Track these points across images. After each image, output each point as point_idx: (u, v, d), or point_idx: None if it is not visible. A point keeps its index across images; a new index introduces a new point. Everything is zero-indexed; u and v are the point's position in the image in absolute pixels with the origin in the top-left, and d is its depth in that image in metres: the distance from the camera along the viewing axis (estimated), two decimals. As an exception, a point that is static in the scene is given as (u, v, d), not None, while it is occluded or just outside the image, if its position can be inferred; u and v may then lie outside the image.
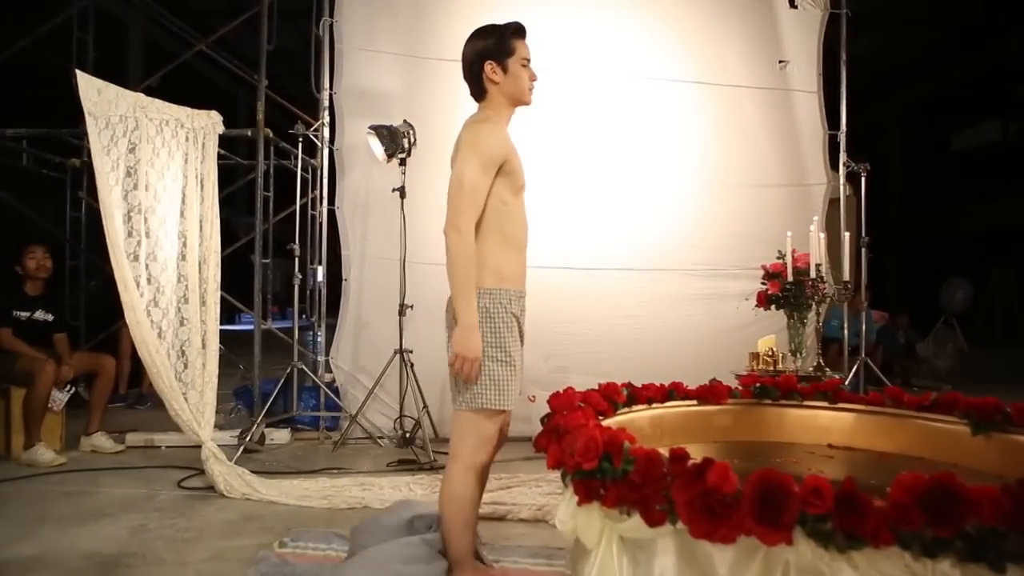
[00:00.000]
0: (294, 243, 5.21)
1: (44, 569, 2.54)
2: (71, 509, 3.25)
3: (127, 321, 3.72)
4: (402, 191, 4.49)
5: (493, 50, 2.25)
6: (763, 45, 5.43)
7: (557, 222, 5.04)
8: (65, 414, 4.48)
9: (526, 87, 2.31)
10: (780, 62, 5.43)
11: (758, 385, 2.58)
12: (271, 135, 4.93)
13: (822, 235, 3.37)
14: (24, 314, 4.46)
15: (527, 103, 2.35)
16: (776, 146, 5.45)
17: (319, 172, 5.33)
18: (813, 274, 3.22)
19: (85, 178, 6.33)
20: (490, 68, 2.25)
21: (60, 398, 4.34)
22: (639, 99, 5.23)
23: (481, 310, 2.14)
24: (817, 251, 3.26)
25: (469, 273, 2.10)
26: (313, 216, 5.48)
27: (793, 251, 3.32)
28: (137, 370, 5.85)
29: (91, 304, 6.40)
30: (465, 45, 2.34)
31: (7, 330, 4.35)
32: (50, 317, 4.59)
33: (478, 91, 2.32)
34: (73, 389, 4.52)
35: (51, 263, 4.63)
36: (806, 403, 2.49)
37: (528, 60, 2.30)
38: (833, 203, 5.56)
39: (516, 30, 2.30)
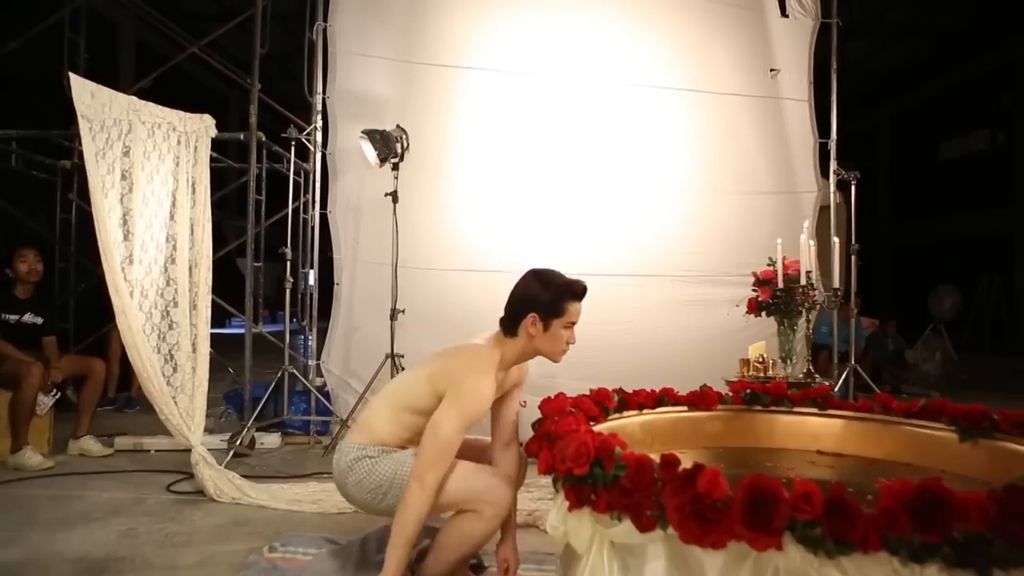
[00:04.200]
0: (286, 247, 5.20)
1: (31, 574, 2.52)
2: (59, 513, 3.23)
3: (118, 325, 3.70)
4: (395, 195, 4.49)
5: (544, 306, 2.14)
6: (754, 53, 5.46)
7: (548, 228, 5.06)
8: (53, 417, 4.45)
9: (559, 350, 2.21)
10: (771, 70, 5.46)
11: (748, 391, 2.59)
12: (264, 139, 4.92)
13: (812, 242, 3.38)
14: (13, 317, 4.43)
15: (554, 362, 2.26)
16: (767, 153, 5.48)
17: (311, 176, 5.33)
18: (803, 281, 3.23)
19: (76, 180, 6.29)
20: (531, 320, 2.14)
21: (45, 402, 4.30)
22: (630, 106, 5.25)
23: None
24: (807, 258, 3.28)
25: (415, 530, 2.01)
26: (305, 220, 5.47)
27: (783, 258, 3.33)
28: (126, 373, 5.82)
29: (81, 307, 6.36)
30: (524, 278, 2.23)
31: (-5, 333, 4.33)
32: (39, 320, 4.56)
33: (511, 329, 2.19)
34: (59, 393, 4.49)
35: (42, 266, 4.61)
36: (796, 409, 2.50)
37: (574, 323, 2.19)
38: (823, 210, 5.60)
39: (576, 293, 2.17)
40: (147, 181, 3.84)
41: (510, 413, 2.35)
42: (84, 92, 3.74)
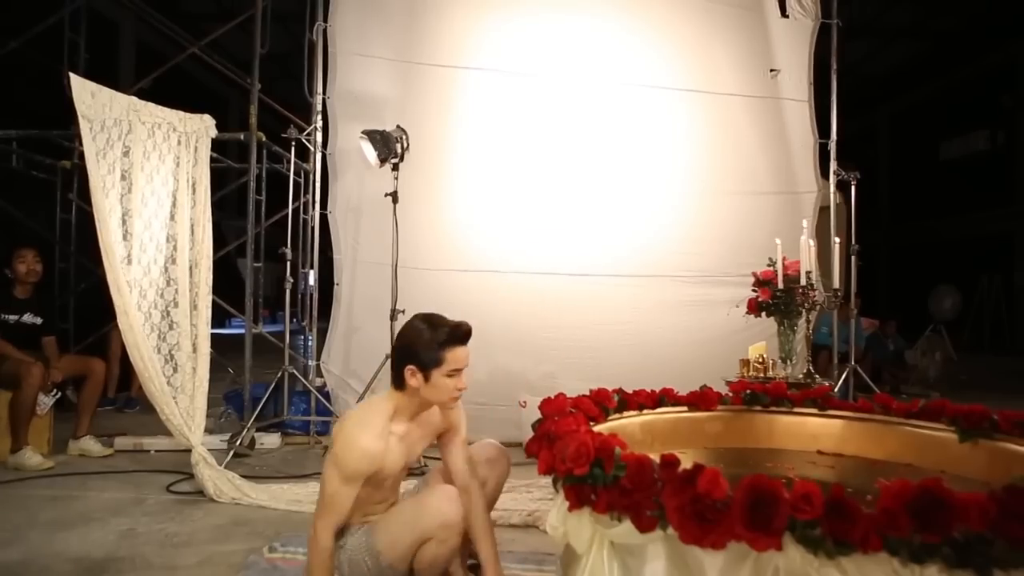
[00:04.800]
0: (286, 247, 5.20)
1: (31, 574, 2.52)
2: (58, 513, 3.23)
3: (119, 324, 3.70)
4: (394, 196, 4.49)
5: (419, 357, 2.04)
6: (754, 54, 5.46)
7: (548, 228, 5.07)
8: (53, 417, 4.45)
9: (446, 398, 2.11)
10: (771, 71, 5.46)
11: (748, 392, 2.59)
12: (264, 139, 4.92)
13: (812, 242, 3.38)
14: (12, 317, 4.43)
15: (446, 409, 2.20)
16: (767, 154, 5.49)
17: (311, 176, 5.32)
18: (803, 281, 3.23)
19: (76, 180, 6.29)
20: (410, 372, 2.05)
21: (45, 402, 4.30)
22: (630, 106, 5.26)
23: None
24: (807, 259, 3.28)
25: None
26: (305, 220, 5.47)
27: (783, 258, 3.33)
28: (126, 373, 5.82)
29: (81, 307, 6.36)
30: (405, 325, 2.15)
31: (-5, 333, 4.33)
32: (39, 320, 4.56)
33: (397, 381, 2.10)
34: (59, 393, 4.49)
35: (41, 267, 4.61)
36: (796, 410, 2.50)
37: (459, 370, 2.07)
38: (823, 211, 5.60)
39: (456, 338, 2.06)
40: (147, 181, 3.83)
41: (457, 460, 2.27)
42: (84, 92, 3.74)
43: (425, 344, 2.04)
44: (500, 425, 4.80)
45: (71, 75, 3.84)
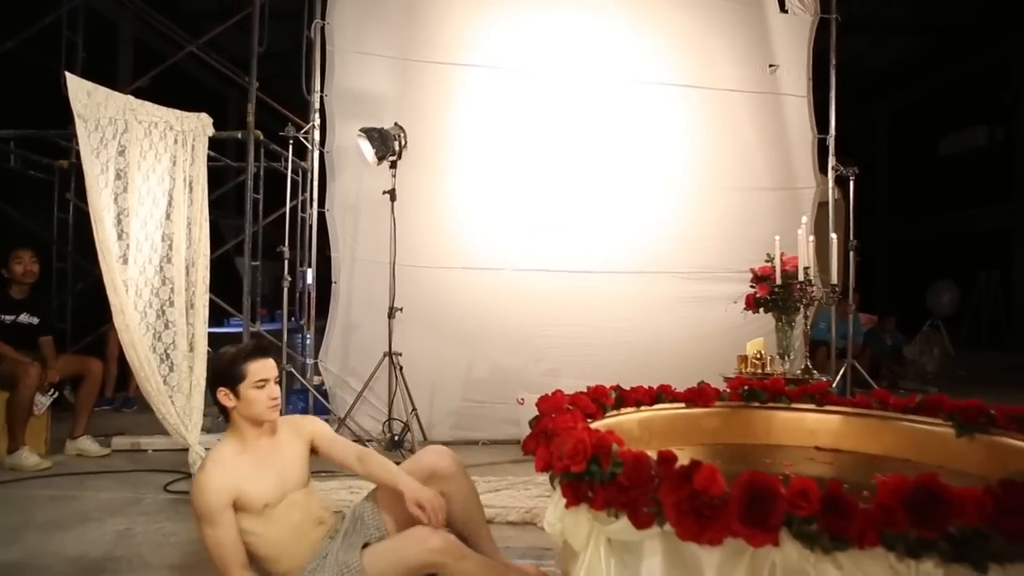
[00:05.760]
0: (283, 245, 5.19)
1: (28, 574, 2.52)
2: (56, 514, 3.22)
3: (116, 324, 3.70)
4: (392, 194, 4.48)
5: (223, 377, 2.16)
6: (753, 49, 5.46)
7: (546, 225, 5.07)
8: (50, 417, 4.45)
9: (263, 409, 2.18)
10: (770, 66, 5.46)
11: (746, 388, 2.58)
12: (262, 137, 4.91)
13: (811, 238, 3.38)
14: (9, 317, 4.43)
15: (268, 420, 2.23)
16: (765, 149, 5.49)
17: (309, 174, 5.32)
18: (801, 277, 3.23)
19: (73, 180, 6.28)
20: (223, 395, 2.16)
21: (42, 402, 4.30)
22: (629, 102, 5.25)
23: None
24: (805, 254, 3.28)
25: None
26: (303, 218, 5.47)
27: (781, 254, 3.33)
28: (124, 373, 5.81)
29: (78, 307, 6.35)
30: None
31: (-8, 333, 4.32)
32: (35, 320, 4.55)
33: (221, 410, 2.22)
34: (56, 393, 4.48)
35: (38, 267, 4.60)
36: (794, 406, 2.50)
37: (265, 381, 2.17)
38: (822, 206, 5.60)
39: (250, 353, 2.20)
40: (143, 180, 3.83)
41: (345, 457, 2.35)
42: (80, 91, 3.73)
43: (227, 364, 2.16)
44: (498, 423, 4.82)
45: (67, 74, 3.84)
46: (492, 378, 4.91)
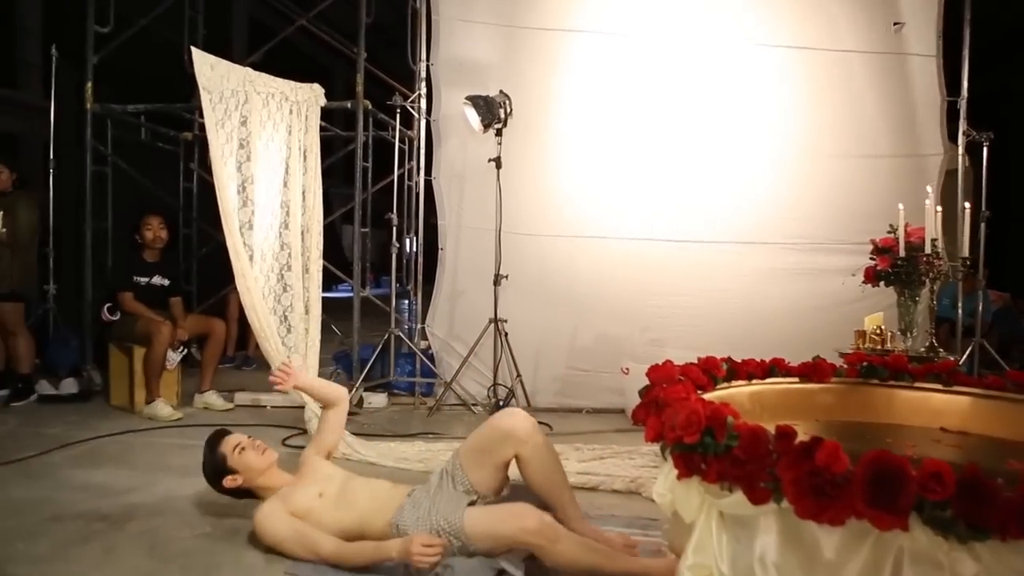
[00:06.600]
0: (391, 212, 5.33)
1: (166, 514, 2.74)
2: (188, 460, 3.44)
3: (237, 287, 3.91)
4: (498, 161, 4.51)
5: (217, 472, 2.51)
6: (876, 6, 5.11)
7: (651, 193, 4.97)
8: (180, 373, 4.78)
9: (258, 459, 2.50)
10: (895, 24, 5.09)
11: (865, 364, 2.48)
12: (370, 107, 5.03)
13: (938, 208, 3.17)
14: (143, 279, 4.76)
15: (271, 465, 2.55)
16: (888, 114, 5.15)
17: (416, 143, 5.42)
18: (928, 249, 3.04)
19: (196, 151, 6.65)
20: (230, 481, 2.49)
21: (173, 358, 4.62)
22: (739, 66, 5.04)
23: None
24: (933, 225, 3.08)
25: (359, 555, 2.19)
26: (410, 187, 5.58)
27: (906, 225, 3.14)
28: (243, 334, 6.17)
29: (202, 270, 6.74)
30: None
31: (129, 294, 4.67)
32: (166, 282, 4.88)
33: (243, 495, 2.57)
34: (185, 350, 4.82)
35: (167, 233, 4.90)
36: (917, 384, 2.38)
37: (239, 445, 2.51)
38: (950, 175, 5.23)
39: (212, 445, 2.56)
40: (263, 149, 4.00)
41: (333, 440, 2.84)
42: (204, 65, 3.93)
43: (211, 463, 2.53)
44: (602, 391, 4.82)
45: (193, 49, 4.04)
46: (597, 347, 4.90)
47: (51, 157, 5.93)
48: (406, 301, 5.72)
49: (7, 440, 3.81)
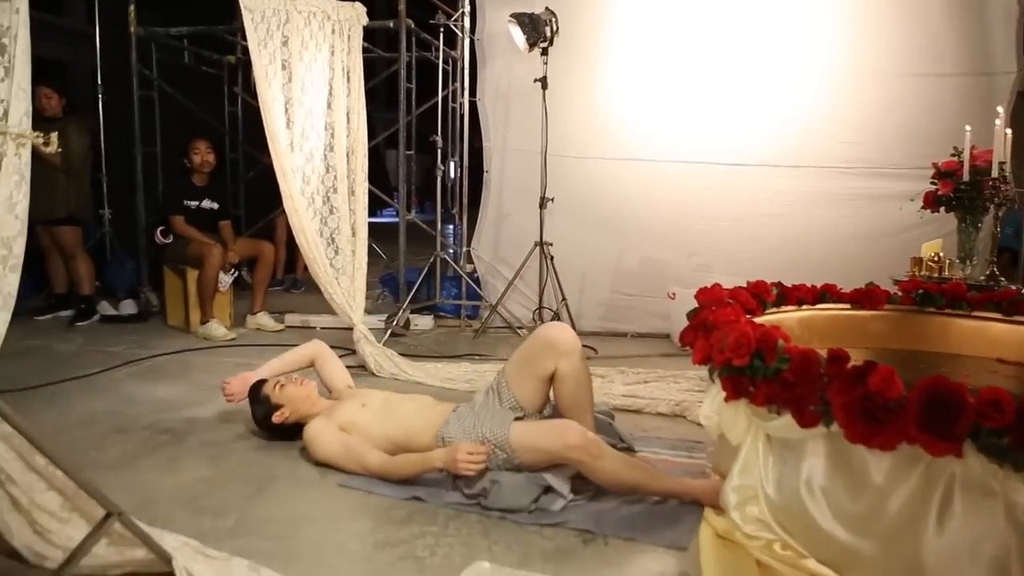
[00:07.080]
0: (436, 135, 5.28)
1: (224, 429, 2.86)
2: (243, 379, 3.59)
3: (286, 208, 3.96)
4: (544, 81, 4.40)
5: (267, 412, 2.61)
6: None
7: (700, 115, 4.82)
8: (233, 294, 4.91)
9: (300, 393, 2.60)
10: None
11: (921, 291, 2.42)
12: (412, 26, 4.92)
13: (1008, 131, 3.01)
14: (193, 203, 4.84)
15: (312, 394, 2.64)
16: (955, 29, 4.81)
17: (460, 63, 5.31)
18: (995, 174, 2.90)
19: (240, 74, 6.64)
20: (279, 416, 2.58)
21: (225, 280, 4.74)
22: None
23: None
24: (1001, 148, 2.93)
25: (405, 466, 2.26)
26: (454, 108, 5.51)
27: (972, 148, 3.00)
28: (291, 257, 6.28)
29: (250, 194, 6.83)
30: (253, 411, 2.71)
31: (180, 217, 4.77)
32: (215, 206, 4.95)
33: (293, 431, 2.60)
34: (236, 273, 4.93)
35: (214, 157, 4.95)
36: (975, 313, 2.32)
37: (278, 383, 2.64)
38: (1021, 96, 4.92)
39: (255, 392, 2.69)
40: (306, 70, 3.97)
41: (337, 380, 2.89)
42: (246, -18, 3.86)
43: (259, 406, 2.64)
44: (647, 316, 4.82)
45: (234, -34, 3.97)
46: (643, 271, 4.86)
47: (99, 83, 5.98)
48: (451, 225, 5.72)
49: (74, 358, 3.99)
